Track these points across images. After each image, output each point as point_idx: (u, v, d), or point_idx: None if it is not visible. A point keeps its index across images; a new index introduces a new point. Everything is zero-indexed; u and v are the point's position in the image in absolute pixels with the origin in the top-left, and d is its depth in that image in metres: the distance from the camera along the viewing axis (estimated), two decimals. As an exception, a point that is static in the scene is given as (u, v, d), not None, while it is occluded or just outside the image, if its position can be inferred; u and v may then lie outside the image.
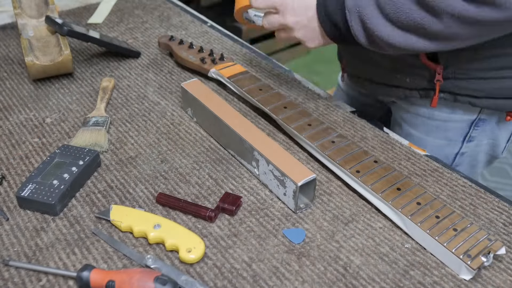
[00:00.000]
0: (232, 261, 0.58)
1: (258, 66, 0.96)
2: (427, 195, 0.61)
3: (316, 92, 0.88)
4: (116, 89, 0.89)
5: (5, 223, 0.62)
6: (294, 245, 0.60)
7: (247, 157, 0.69)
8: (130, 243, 0.60)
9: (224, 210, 0.63)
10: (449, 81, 0.78)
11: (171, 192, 0.67)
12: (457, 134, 0.84)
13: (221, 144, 0.75)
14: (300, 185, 0.61)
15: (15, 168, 0.70)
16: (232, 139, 0.71)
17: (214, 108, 0.74)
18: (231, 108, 0.74)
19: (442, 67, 0.76)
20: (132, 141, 0.76)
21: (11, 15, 1.14)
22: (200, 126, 0.79)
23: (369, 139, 0.77)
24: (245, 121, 0.71)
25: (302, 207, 0.64)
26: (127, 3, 1.20)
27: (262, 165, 0.66)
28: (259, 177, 0.68)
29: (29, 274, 0.56)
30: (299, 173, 0.62)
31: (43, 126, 0.79)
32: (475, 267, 0.54)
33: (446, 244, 0.56)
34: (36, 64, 0.84)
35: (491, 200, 0.67)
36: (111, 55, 0.99)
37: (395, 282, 0.56)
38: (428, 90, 0.81)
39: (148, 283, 0.51)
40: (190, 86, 0.79)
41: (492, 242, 0.56)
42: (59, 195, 0.62)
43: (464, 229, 0.57)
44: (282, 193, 0.64)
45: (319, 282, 0.55)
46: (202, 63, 0.90)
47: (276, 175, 0.64)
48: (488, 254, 0.55)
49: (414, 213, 0.59)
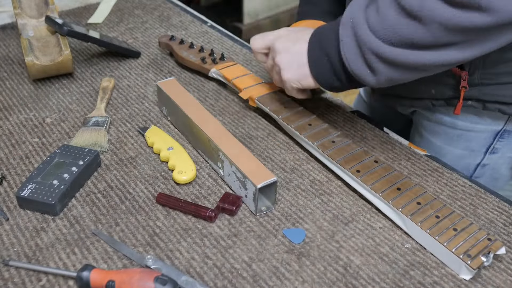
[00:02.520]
0: (232, 261, 0.58)
1: (258, 66, 0.96)
2: (427, 195, 0.61)
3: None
4: (116, 89, 0.89)
5: (5, 223, 0.62)
6: (294, 245, 0.60)
7: (213, 158, 0.70)
8: (130, 243, 0.60)
9: (224, 210, 0.63)
10: (476, 88, 0.74)
11: (171, 192, 0.67)
12: (479, 144, 0.81)
13: (191, 143, 0.76)
14: (260, 187, 0.61)
15: (15, 168, 0.70)
16: (200, 139, 0.72)
17: (185, 107, 0.75)
18: (203, 108, 0.74)
19: (467, 73, 0.73)
20: (132, 141, 0.76)
21: (11, 15, 1.14)
22: (173, 125, 0.80)
23: (369, 139, 0.77)
24: (215, 122, 0.72)
25: (263, 210, 0.64)
26: (127, 3, 1.20)
27: (226, 166, 0.66)
28: (224, 178, 0.68)
29: (29, 274, 0.56)
30: (260, 176, 0.62)
31: (43, 126, 0.79)
32: (475, 267, 0.54)
33: (446, 244, 0.56)
34: (36, 64, 0.84)
35: (491, 200, 0.67)
36: (111, 55, 0.99)
37: (395, 282, 0.56)
38: (453, 99, 0.77)
39: (148, 283, 0.51)
40: (165, 85, 0.79)
41: (492, 242, 0.56)
42: (59, 195, 0.62)
43: (464, 229, 0.57)
44: (244, 194, 0.64)
45: (319, 282, 0.55)
46: (202, 62, 0.90)
47: (238, 177, 0.64)
48: (488, 254, 0.55)
49: (414, 213, 0.59)
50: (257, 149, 0.75)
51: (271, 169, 0.71)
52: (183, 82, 0.91)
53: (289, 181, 0.69)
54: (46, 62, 0.86)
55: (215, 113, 0.83)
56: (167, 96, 0.78)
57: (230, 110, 0.84)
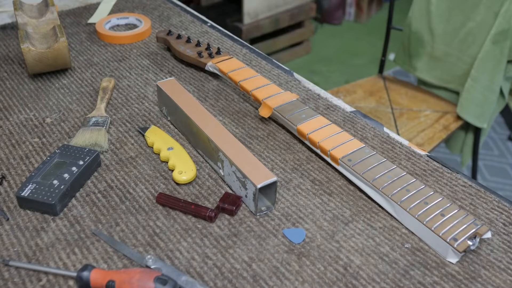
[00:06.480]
0: (232, 261, 0.58)
1: (258, 66, 0.96)
2: (416, 183, 0.63)
3: (316, 92, 0.88)
4: (116, 89, 0.89)
5: (5, 223, 0.62)
6: (294, 245, 0.60)
7: (213, 158, 0.70)
8: (130, 243, 0.60)
9: (224, 210, 0.63)
10: None
11: (171, 192, 0.67)
12: None
13: (191, 143, 0.76)
14: (260, 187, 0.61)
15: (15, 168, 0.70)
16: (200, 139, 0.72)
17: (185, 107, 0.75)
18: (203, 108, 0.75)
19: None
20: (132, 141, 0.76)
21: (11, 15, 1.14)
22: (173, 125, 0.79)
23: (369, 139, 0.77)
24: (215, 122, 0.72)
25: (263, 210, 0.64)
26: (127, 3, 1.20)
27: (227, 166, 0.66)
28: (224, 178, 0.68)
29: (29, 274, 0.56)
30: (260, 176, 0.62)
31: (43, 126, 0.79)
32: (461, 250, 0.56)
33: (433, 228, 0.58)
34: (31, 50, 0.84)
35: (491, 200, 0.67)
36: (111, 55, 0.99)
37: (395, 282, 0.56)
38: None
39: (148, 283, 0.51)
40: (165, 85, 0.80)
41: (478, 227, 0.58)
42: (59, 195, 0.62)
43: (451, 214, 0.60)
44: (244, 195, 0.64)
45: (319, 282, 0.55)
46: (199, 57, 0.91)
47: (238, 177, 0.64)
48: (474, 238, 0.58)
49: (404, 200, 0.61)
50: (257, 149, 0.75)
51: (271, 169, 0.71)
52: (183, 82, 0.91)
53: (289, 181, 0.69)
54: (42, 49, 0.85)
55: (215, 113, 0.83)
56: (167, 96, 0.78)
57: (230, 110, 0.84)
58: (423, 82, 1.69)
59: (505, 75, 1.49)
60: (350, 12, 3.26)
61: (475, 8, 1.44)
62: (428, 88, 1.68)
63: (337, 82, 2.60)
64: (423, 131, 1.49)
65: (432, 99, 1.62)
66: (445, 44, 1.54)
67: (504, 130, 2.31)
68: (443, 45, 1.54)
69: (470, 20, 1.46)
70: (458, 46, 1.51)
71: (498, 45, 1.41)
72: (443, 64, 1.57)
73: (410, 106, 1.59)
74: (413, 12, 1.58)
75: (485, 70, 1.45)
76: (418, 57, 1.62)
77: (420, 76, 1.64)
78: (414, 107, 1.59)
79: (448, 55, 1.55)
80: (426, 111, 1.57)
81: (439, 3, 1.51)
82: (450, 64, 1.55)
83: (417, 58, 1.62)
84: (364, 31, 3.16)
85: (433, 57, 1.58)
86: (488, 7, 1.41)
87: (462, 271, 0.57)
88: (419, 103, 1.61)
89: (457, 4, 1.48)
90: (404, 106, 1.59)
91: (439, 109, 1.58)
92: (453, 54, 1.53)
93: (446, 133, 1.49)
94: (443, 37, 1.53)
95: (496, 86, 1.46)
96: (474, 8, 1.44)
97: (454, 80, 1.57)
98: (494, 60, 1.43)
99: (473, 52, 1.48)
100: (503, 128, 2.32)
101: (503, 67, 1.44)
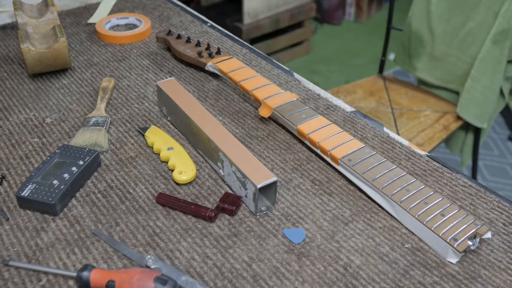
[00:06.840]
0: (232, 261, 0.58)
1: (258, 66, 0.96)
2: (417, 183, 0.63)
3: (316, 92, 0.88)
4: (116, 89, 0.89)
5: (5, 223, 0.62)
6: (294, 245, 0.60)
7: (213, 158, 0.70)
8: (130, 243, 0.60)
9: (224, 210, 0.63)
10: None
11: (171, 192, 0.67)
12: None
13: (191, 143, 0.76)
14: (260, 187, 0.61)
15: (15, 168, 0.70)
16: (200, 139, 0.72)
17: (185, 107, 0.75)
18: (203, 108, 0.75)
19: None
20: (132, 141, 0.76)
21: (11, 15, 1.14)
22: (173, 125, 0.79)
23: (369, 139, 0.77)
24: (215, 122, 0.72)
25: (263, 210, 0.64)
26: (127, 3, 1.20)
27: (226, 166, 0.66)
28: (224, 178, 0.68)
29: (29, 274, 0.56)
30: (260, 176, 0.62)
31: (43, 126, 0.79)
32: (461, 250, 0.56)
33: (433, 229, 0.58)
34: (31, 50, 0.84)
35: (491, 200, 0.67)
36: (111, 55, 0.99)
37: (395, 282, 0.56)
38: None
39: (148, 283, 0.51)
40: (165, 85, 0.80)
41: (478, 227, 0.58)
42: (59, 195, 0.62)
43: (451, 214, 0.60)
44: (244, 195, 0.64)
45: (319, 282, 0.55)
46: (199, 57, 0.91)
47: (238, 177, 0.64)
48: (474, 238, 0.58)
49: (404, 200, 0.61)
50: (257, 149, 0.75)
51: (271, 169, 0.71)
52: (183, 82, 0.91)
53: (289, 181, 0.69)
54: (42, 49, 0.85)
55: (215, 113, 0.83)
56: (167, 96, 0.78)
57: (230, 110, 0.84)
58: (423, 82, 1.69)
59: (505, 75, 1.49)
60: (350, 12, 3.26)
61: (475, 8, 1.44)
62: (428, 88, 1.68)
63: (337, 82, 2.60)
64: (423, 131, 1.49)
65: (432, 99, 1.62)
66: (445, 44, 1.54)
67: (504, 130, 2.31)
68: (443, 45, 1.54)
69: (470, 20, 1.46)
70: (458, 46, 1.51)
71: (498, 45, 1.41)
72: (443, 64, 1.57)
73: (410, 106, 1.59)
74: (413, 12, 1.58)
75: (485, 70, 1.45)
76: (418, 57, 1.62)
77: (420, 76, 1.64)
78: (414, 107, 1.59)
79: (448, 55, 1.55)
80: (426, 111, 1.57)
81: (439, 3, 1.51)
82: (450, 64, 1.55)
83: (417, 58, 1.62)
84: (364, 31, 3.16)
85: (433, 57, 1.58)
86: (488, 7, 1.42)
87: (462, 271, 0.57)
88: (419, 103, 1.61)
89: (457, 4, 1.48)
90: (404, 106, 1.60)
91: (439, 109, 1.58)
92: (453, 54, 1.53)
93: (446, 133, 1.49)
94: (443, 37, 1.53)
95: (496, 86, 1.46)
96: (474, 8, 1.44)
97: (454, 80, 1.57)
98: (494, 60, 1.43)
99: (473, 52, 1.48)
100: (503, 128, 2.32)
101: (503, 67, 1.44)
